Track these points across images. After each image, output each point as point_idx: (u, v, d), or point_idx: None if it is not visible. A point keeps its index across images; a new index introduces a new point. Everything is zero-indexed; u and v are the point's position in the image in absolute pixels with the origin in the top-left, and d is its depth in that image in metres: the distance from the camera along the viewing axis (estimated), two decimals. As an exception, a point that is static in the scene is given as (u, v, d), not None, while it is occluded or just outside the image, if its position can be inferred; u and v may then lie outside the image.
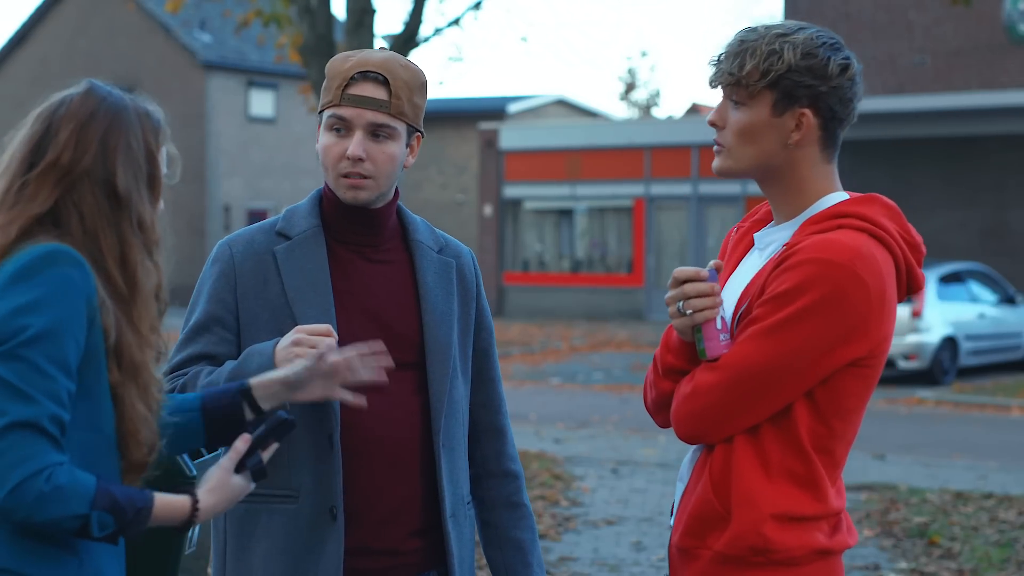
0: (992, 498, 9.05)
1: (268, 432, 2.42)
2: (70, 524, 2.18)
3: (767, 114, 2.51)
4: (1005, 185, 23.41)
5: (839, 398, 2.48)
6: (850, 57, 2.54)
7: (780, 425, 2.48)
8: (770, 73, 2.48)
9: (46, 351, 2.19)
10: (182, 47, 35.54)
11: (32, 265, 2.23)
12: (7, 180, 2.32)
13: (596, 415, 13.91)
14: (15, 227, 2.28)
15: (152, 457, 2.37)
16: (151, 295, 2.37)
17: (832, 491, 2.53)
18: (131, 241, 2.34)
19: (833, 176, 2.59)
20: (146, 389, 2.35)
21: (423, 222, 2.93)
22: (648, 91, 56.10)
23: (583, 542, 7.67)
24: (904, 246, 2.54)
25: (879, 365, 2.52)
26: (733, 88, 2.54)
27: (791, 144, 2.52)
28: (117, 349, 2.29)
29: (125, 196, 2.33)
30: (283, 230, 2.84)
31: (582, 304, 29.35)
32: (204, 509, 2.33)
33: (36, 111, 2.37)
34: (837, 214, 2.51)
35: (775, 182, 2.58)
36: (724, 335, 2.50)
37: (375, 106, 2.73)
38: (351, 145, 2.73)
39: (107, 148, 2.33)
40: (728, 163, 2.58)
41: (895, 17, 24.20)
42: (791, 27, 2.53)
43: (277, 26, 15.79)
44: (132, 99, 2.42)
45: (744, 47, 2.52)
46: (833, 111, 2.52)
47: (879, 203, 2.55)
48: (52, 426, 2.18)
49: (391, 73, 2.73)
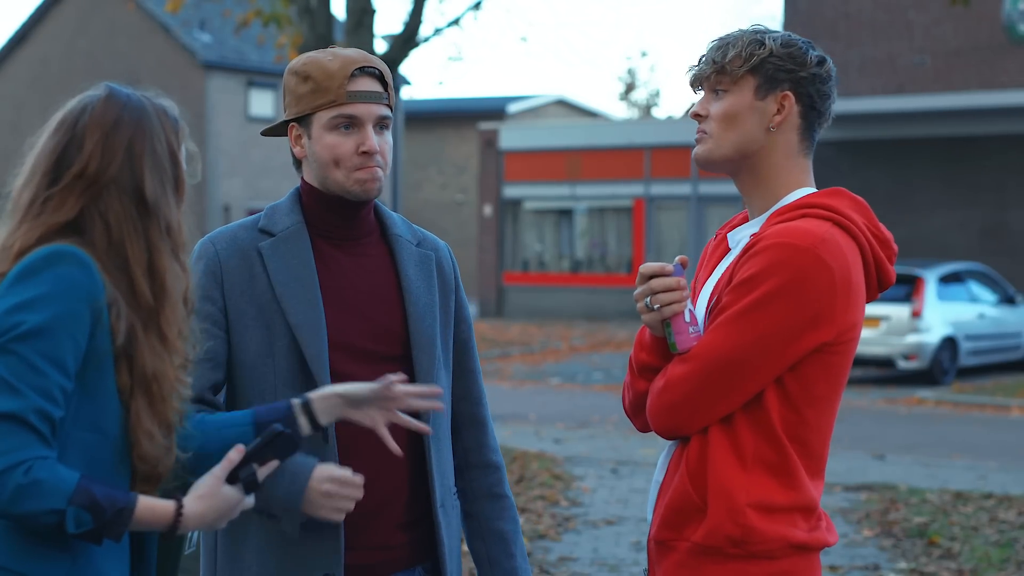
0: (992, 498, 9.05)
1: (265, 445, 2.37)
2: (46, 519, 2.17)
3: (750, 98, 2.60)
4: (1005, 185, 23.40)
5: (808, 385, 2.52)
6: (825, 55, 2.65)
7: (753, 415, 2.52)
8: (753, 57, 2.59)
9: (39, 347, 2.18)
10: (182, 47, 35.54)
11: (35, 264, 2.23)
12: (32, 191, 2.31)
13: (596, 415, 13.91)
14: (35, 234, 2.27)
15: (162, 470, 2.35)
16: (179, 300, 2.36)
17: (808, 481, 2.56)
18: (160, 247, 2.33)
19: (808, 171, 2.66)
20: (164, 400, 2.32)
21: (399, 217, 2.97)
22: (648, 91, 56.05)
23: (583, 542, 7.67)
24: (871, 239, 2.59)
25: (847, 353, 2.56)
26: (717, 77, 2.62)
27: (772, 128, 2.60)
28: (129, 355, 2.28)
29: (153, 203, 2.33)
30: (266, 227, 2.86)
31: (582, 304, 29.35)
32: (189, 516, 2.28)
33: (56, 119, 2.36)
34: (802, 205, 2.57)
35: (752, 171, 2.64)
36: (694, 328, 2.54)
37: (379, 99, 2.79)
38: (366, 140, 2.77)
39: (134, 156, 2.32)
40: (709, 147, 2.64)
41: (895, 17, 24.19)
42: (767, 28, 2.66)
43: (277, 26, 15.78)
44: (149, 99, 2.41)
45: (726, 41, 2.64)
46: (812, 99, 2.61)
47: (845, 196, 2.61)
48: (38, 420, 2.17)
49: (379, 66, 2.82)
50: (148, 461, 2.32)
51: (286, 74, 2.88)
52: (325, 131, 2.79)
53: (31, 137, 2.38)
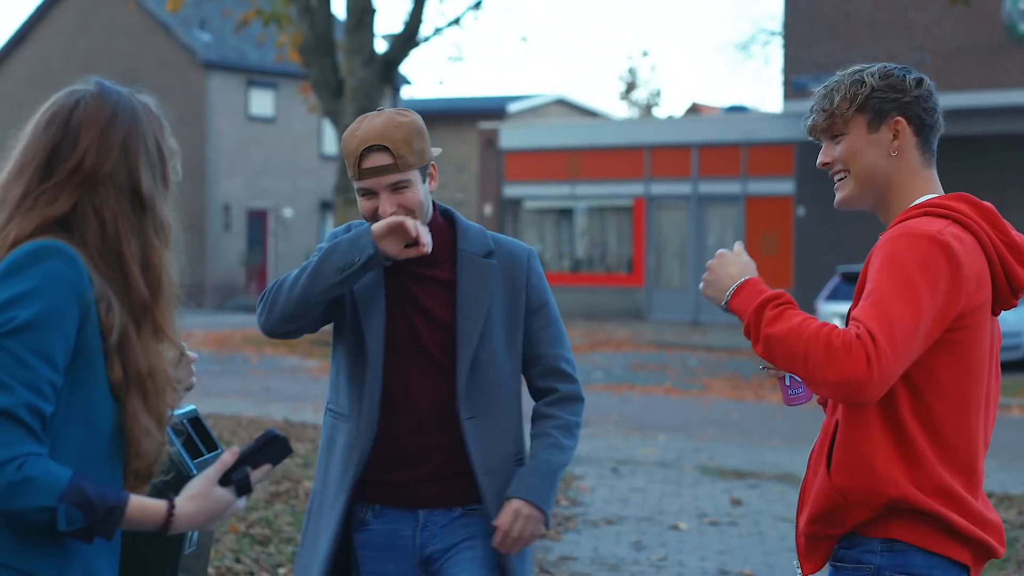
0: (992, 498, 9.05)
1: (259, 449, 2.36)
2: (38, 516, 2.16)
3: (864, 133, 2.82)
4: (1005, 185, 23.40)
5: (931, 373, 2.65)
6: (922, 75, 2.86)
7: (885, 407, 2.66)
8: (857, 97, 2.80)
9: (28, 342, 2.18)
10: (182, 46, 35.54)
11: (21, 260, 2.22)
12: (23, 186, 2.31)
13: (596, 414, 13.90)
14: (26, 228, 2.27)
15: (157, 466, 2.36)
16: (174, 295, 2.37)
17: (941, 469, 2.68)
18: (154, 243, 2.34)
19: (933, 180, 2.86)
20: (159, 395, 2.33)
21: (477, 228, 3.47)
22: (648, 91, 56.08)
23: (583, 541, 7.67)
24: (996, 241, 2.73)
25: (968, 342, 2.67)
26: (830, 123, 2.84)
27: (893, 153, 2.81)
28: (121, 350, 2.28)
29: (149, 199, 2.33)
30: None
31: (582, 303, 29.35)
32: (181, 516, 2.28)
33: (47, 114, 2.35)
34: (923, 206, 2.76)
35: (886, 195, 2.83)
36: (794, 390, 2.97)
37: (386, 172, 3.25)
38: (380, 205, 3.27)
39: (129, 152, 2.33)
40: (847, 189, 2.85)
41: (895, 17, 24.20)
42: (861, 66, 2.87)
43: (277, 25, 15.80)
44: (134, 95, 2.41)
45: (828, 89, 2.85)
46: (921, 118, 2.83)
47: (967, 200, 2.79)
48: (29, 416, 2.17)
49: (389, 140, 3.24)
50: (145, 458, 2.32)
51: None
52: (359, 197, 3.34)
53: (15, 131, 2.36)
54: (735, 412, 14.28)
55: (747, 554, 7.38)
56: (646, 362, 20.15)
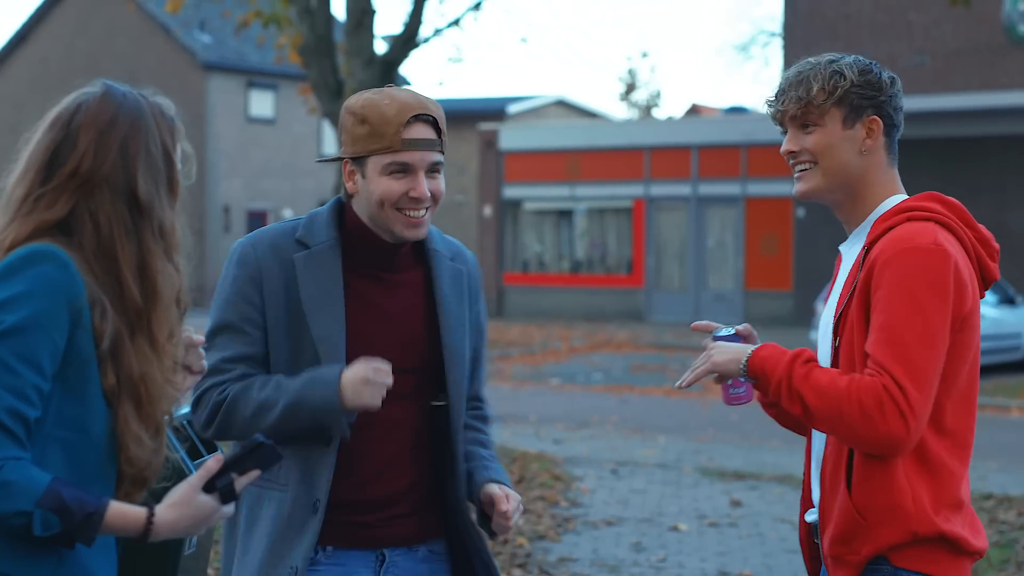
0: (992, 499, 9.04)
1: (245, 455, 2.32)
2: (14, 520, 2.15)
3: (839, 129, 2.76)
4: (1005, 185, 23.40)
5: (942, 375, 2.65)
6: (895, 75, 2.84)
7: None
8: (837, 90, 2.74)
9: (14, 347, 2.16)
10: (182, 48, 35.55)
11: (13, 264, 2.21)
12: (25, 188, 2.29)
13: (596, 416, 13.90)
14: (24, 231, 2.25)
15: (149, 473, 2.33)
16: (171, 302, 2.34)
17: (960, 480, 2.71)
18: (152, 248, 2.31)
19: (896, 180, 2.84)
20: (152, 403, 2.31)
21: (435, 229, 3.03)
22: (648, 92, 56.07)
23: (583, 543, 7.67)
24: (971, 235, 2.76)
25: (967, 340, 2.68)
26: (803, 111, 2.76)
27: (864, 151, 2.77)
28: (114, 356, 2.26)
29: (147, 204, 2.31)
30: (303, 238, 2.92)
31: (582, 305, 29.35)
32: (160, 523, 2.24)
33: (52, 115, 2.34)
34: (902, 210, 2.73)
35: (851, 193, 2.80)
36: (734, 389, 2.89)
37: (432, 147, 2.85)
38: (416, 186, 2.83)
39: (127, 155, 2.30)
40: (813, 182, 2.80)
41: (895, 17, 24.20)
42: (834, 56, 2.81)
43: (277, 27, 15.78)
44: (145, 97, 2.39)
45: (803, 76, 2.78)
46: (892, 118, 2.80)
47: (939, 199, 2.77)
48: (11, 420, 2.15)
49: (435, 112, 2.86)
50: (135, 464, 2.30)
51: (343, 111, 2.91)
52: (379, 174, 2.85)
53: (27, 133, 2.36)
54: (735, 413, 14.27)
55: (747, 555, 7.39)
56: (646, 363, 20.15)
